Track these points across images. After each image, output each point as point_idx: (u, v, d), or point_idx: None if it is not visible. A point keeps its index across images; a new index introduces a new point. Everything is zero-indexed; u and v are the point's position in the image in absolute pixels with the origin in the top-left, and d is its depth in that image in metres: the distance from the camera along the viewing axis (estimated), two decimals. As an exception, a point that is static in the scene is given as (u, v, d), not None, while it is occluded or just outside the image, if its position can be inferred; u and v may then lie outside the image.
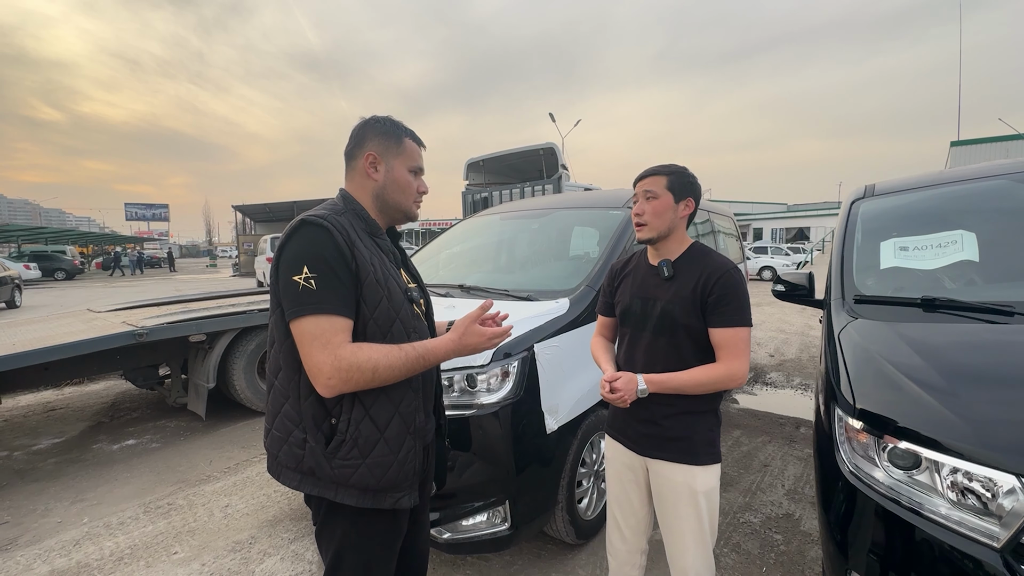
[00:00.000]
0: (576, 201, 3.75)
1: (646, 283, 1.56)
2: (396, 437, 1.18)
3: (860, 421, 1.40)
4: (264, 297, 5.57)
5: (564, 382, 2.18)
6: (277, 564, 2.34)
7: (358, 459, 1.13)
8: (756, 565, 2.26)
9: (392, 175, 1.27)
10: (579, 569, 2.26)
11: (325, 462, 1.13)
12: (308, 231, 1.11)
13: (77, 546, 2.53)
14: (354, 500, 1.15)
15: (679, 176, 1.50)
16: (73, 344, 3.27)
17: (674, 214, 1.49)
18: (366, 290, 1.14)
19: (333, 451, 1.13)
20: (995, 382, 1.33)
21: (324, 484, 1.15)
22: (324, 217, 1.14)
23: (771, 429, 3.88)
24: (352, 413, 1.14)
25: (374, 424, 1.15)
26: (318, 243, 1.10)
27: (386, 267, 1.22)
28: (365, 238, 1.21)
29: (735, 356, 1.39)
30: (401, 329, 1.20)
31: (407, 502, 1.20)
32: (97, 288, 19.13)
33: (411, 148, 1.30)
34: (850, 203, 2.43)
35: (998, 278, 1.81)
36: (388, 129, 1.27)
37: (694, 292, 1.42)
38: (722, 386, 1.42)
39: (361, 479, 1.14)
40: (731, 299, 1.40)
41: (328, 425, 1.15)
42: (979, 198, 2.12)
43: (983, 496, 1.15)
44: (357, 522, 1.19)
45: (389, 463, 1.16)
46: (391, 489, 1.17)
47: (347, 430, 1.13)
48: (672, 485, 1.48)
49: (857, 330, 1.71)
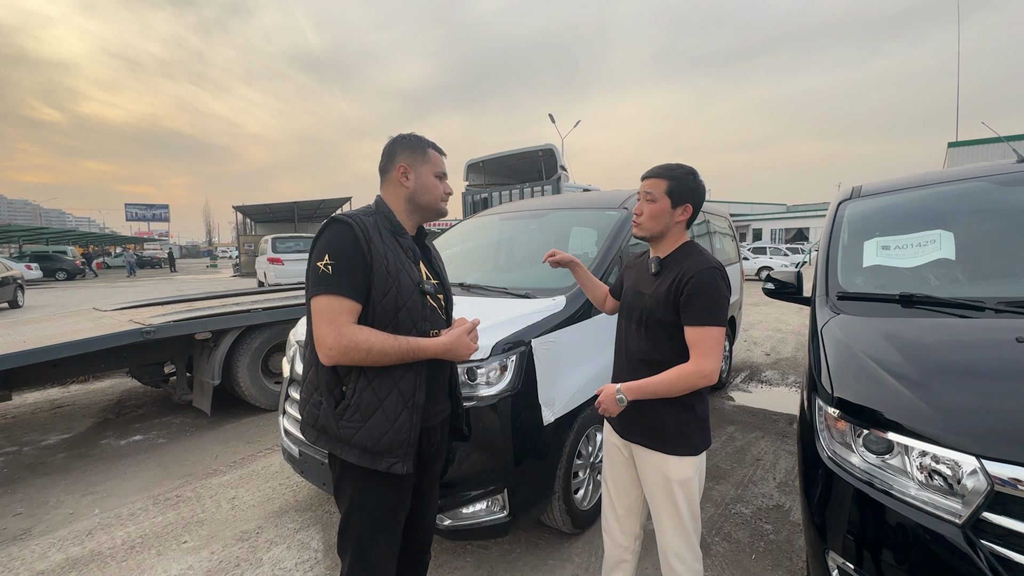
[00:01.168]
0: (574, 202, 3.84)
1: (640, 277, 1.67)
2: (393, 408, 1.34)
3: (838, 409, 1.48)
4: (267, 296, 5.66)
5: (561, 376, 2.27)
6: (284, 552, 2.42)
7: (359, 422, 1.32)
8: (746, 553, 2.35)
9: (421, 180, 1.46)
10: (575, 557, 2.34)
11: (333, 422, 1.34)
12: (335, 227, 1.33)
13: (90, 535, 2.61)
14: (355, 458, 1.33)
15: (680, 182, 1.54)
16: (84, 341, 3.35)
17: (670, 218, 1.55)
18: (376, 279, 1.32)
19: (340, 413, 1.33)
20: (962, 373, 1.41)
21: (333, 441, 1.35)
22: (351, 216, 1.35)
23: (764, 425, 3.96)
24: (358, 383, 1.33)
25: (375, 394, 1.33)
26: (340, 236, 1.31)
27: (400, 261, 1.38)
28: (387, 235, 1.39)
29: (704, 354, 1.43)
30: (408, 316, 1.37)
31: (400, 468, 1.35)
32: (99, 288, 19.21)
33: (434, 156, 1.49)
34: (837, 204, 2.52)
35: (972, 276, 1.89)
36: (413, 143, 1.48)
37: (669, 290, 1.50)
38: (693, 384, 1.45)
39: (361, 440, 1.32)
40: (702, 298, 1.44)
41: (339, 391, 1.34)
42: (958, 199, 2.20)
43: (948, 477, 1.23)
44: (363, 484, 1.38)
45: (385, 430, 1.33)
46: (386, 453, 1.33)
47: (352, 396, 1.33)
48: (649, 470, 1.59)
49: (838, 325, 1.79)
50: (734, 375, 5.44)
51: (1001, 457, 1.15)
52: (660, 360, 1.53)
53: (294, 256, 14.76)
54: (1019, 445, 1.15)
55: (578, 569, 2.26)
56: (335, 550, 2.38)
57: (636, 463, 1.65)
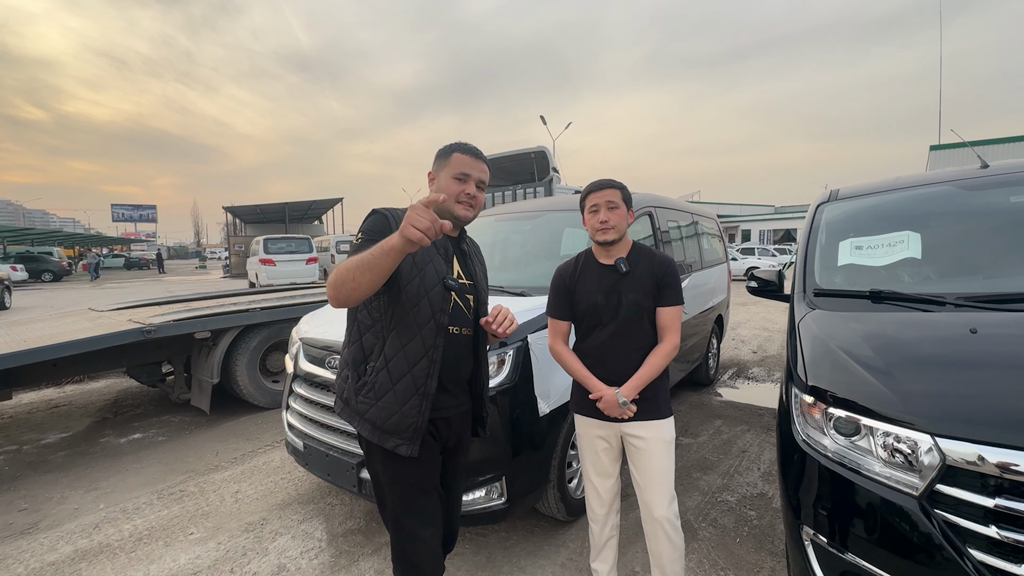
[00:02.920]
0: (567, 204, 3.95)
1: (604, 279, 1.82)
2: (404, 391, 1.43)
3: (811, 396, 1.61)
4: (264, 296, 5.71)
5: (555, 370, 2.36)
6: (289, 542, 2.51)
7: (373, 400, 1.44)
8: (731, 537, 2.48)
9: (439, 184, 1.53)
10: (569, 543, 2.46)
11: (353, 396, 1.48)
12: (372, 216, 1.46)
13: (97, 529, 2.68)
14: (367, 432, 1.45)
15: (625, 191, 1.83)
16: (87, 340, 3.41)
17: (626, 221, 1.81)
18: (402, 266, 1.40)
19: (359, 389, 1.47)
20: (922, 362, 1.55)
21: (351, 413, 1.49)
22: (389, 209, 1.48)
23: (750, 419, 4.11)
24: (376, 363, 1.45)
25: (389, 376, 1.43)
26: (372, 222, 1.44)
27: (428, 254, 1.47)
28: None
29: (676, 331, 1.79)
30: (428, 306, 1.43)
31: (404, 450, 1.43)
32: (86, 290, 19.01)
33: (457, 158, 1.53)
34: (816, 206, 2.66)
35: (936, 274, 2.04)
36: (442, 151, 1.57)
37: (651, 280, 1.77)
38: (671, 358, 1.80)
39: (372, 416, 1.44)
40: (676, 282, 1.79)
41: (362, 368, 1.47)
42: (926, 202, 2.35)
43: (907, 455, 1.36)
44: (385, 462, 1.48)
45: (393, 411, 1.42)
46: (392, 433, 1.43)
47: (369, 375, 1.45)
48: (648, 440, 1.76)
49: (814, 319, 1.93)
50: (722, 372, 5.60)
51: (952, 435, 1.28)
52: (639, 347, 1.77)
53: (286, 257, 14.73)
54: (968, 424, 1.28)
55: (572, 554, 2.37)
56: (338, 539, 2.49)
57: (628, 441, 1.80)
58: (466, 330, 1.56)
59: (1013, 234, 2.06)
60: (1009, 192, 2.20)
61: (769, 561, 2.28)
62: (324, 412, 2.46)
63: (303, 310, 4.40)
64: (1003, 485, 1.21)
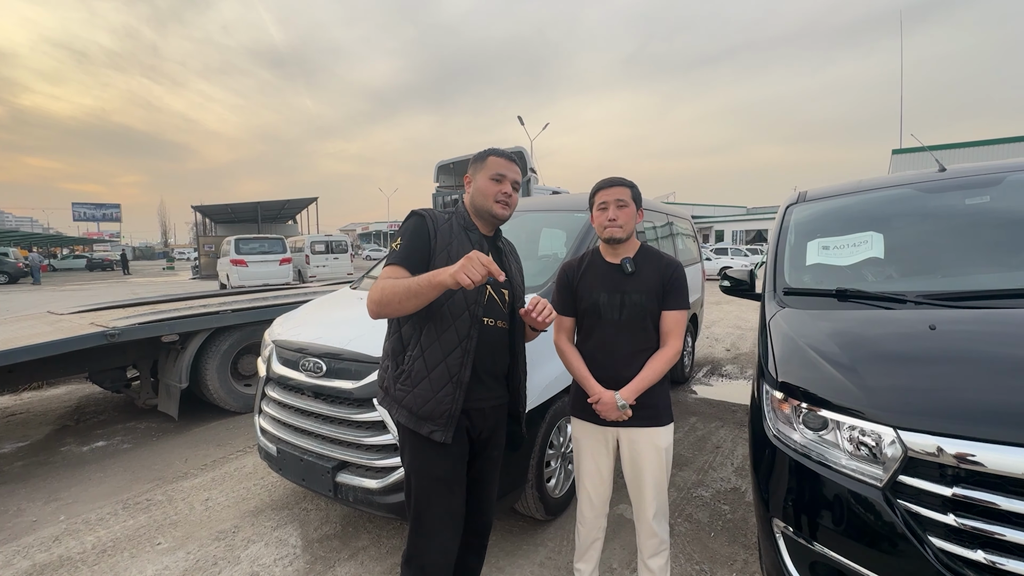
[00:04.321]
0: (544, 204, 3.98)
1: (609, 278, 1.82)
2: (439, 379, 1.50)
3: (781, 392, 1.65)
4: (235, 298, 5.57)
5: (534, 370, 2.37)
6: (262, 549, 2.45)
7: (410, 388, 1.52)
8: (705, 531, 2.53)
9: (477, 185, 1.64)
10: (548, 542, 2.47)
11: (392, 384, 1.56)
12: (412, 219, 1.58)
13: (57, 541, 2.57)
14: (404, 419, 1.53)
15: (635, 190, 1.83)
16: (45, 345, 3.26)
17: (635, 220, 1.82)
18: (437, 260, 1.52)
19: (397, 377, 1.55)
20: (885, 358, 1.60)
21: (390, 401, 1.57)
22: (427, 210, 1.61)
23: (724, 415, 4.20)
24: (413, 352, 1.53)
25: (424, 365, 1.51)
26: (411, 225, 1.57)
27: (465, 249, 1.53)
28: (457, 229, 1.61)
29: (679, 335, 1.77)
30: (462, 298, 1.52)
31: (439, 436, 1.50)
32: (46, 292, 18.20)
33: (492, 161, 1.63)
34: (785, 207, 2.74)
35: (898, 272, 2.12)
36: (479, 156, 1.66)
37: (657, 283, 1.76)
38: (672, 363, 1.77)
39: (409, 403, 1.51)
40: (681, 287, 1.77)
41: (401, 357, 1.56)
42: (888, 204, 2.45)
43: (872, 447, 1.41)
44: (416, 450, 1.54)
45: (428, 398, 1.50)
46: (427, 419, 1.50)
47: (407, 364, 1.53)
48: (642, 446, 1.77)
49: (783, 318, 1.98)
50: (696, 370, 5.70)
51: (913, 427, 1.33)
52: (640, 350, 1.76)
53: (259, 258, 14.36)
54: (927, 417, 1.34)
55: (551, 552, 2.38)
56: (314, 545, 2.44)
57: (624, 446, 1.81)
58: (501, 323, 1.64)
59: (967, 235, 2.15)
60: (964, 195, 2.30)
61: (742, 554, 2.33)
62: (298, 416, 2.41)
63: (276, 312, 4.30)
64: (960, 475, 1.27)
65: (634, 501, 1.85)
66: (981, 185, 2.30)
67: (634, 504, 1.86)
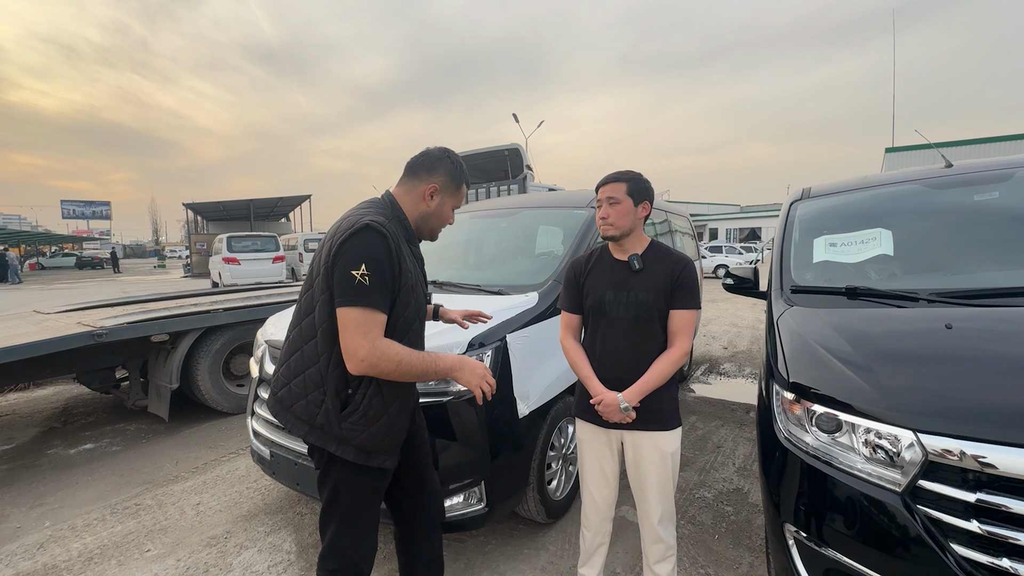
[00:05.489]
0: (541, 201, 3.91)
1: (616, 275, 1.75)
2: (396, 414, 1.44)
3: (793, 393, 1.60)
4: (227, 297, 5.47)
5: (535, 370, 2.33)
6: (255, 556, 2.38)
7: (364, 426, 1.38)
8: (709, 534, 2.48)
9: (441, 209, 1.55)
10: (549, 545, 2.41)
11: (336, 422, 1.37)
12: (371, 236, 1.31)
13: (41, 549, 2.48)
14: (352, 456, 1.39)
15: (635, 182, 1.73)
16: (29, 345, 3.16)
17: (634, 216, 1.72)
18: (403, 293, 1.39)
19: (346, 416, 1.37)
20: (901, 358, 1.56)
21: (329, 439, 1.38)
22: (383, 224, 1.34)
23: (724, 414, 4.16)
24: (368, 389, 1.38)
25: (383, 401, 1.40)
26: (377, 247, 1.31)
27: (418, 274, 1.50)
28: (404, 245, 1.44)
29: (687, 336, 1.69)
30: (420, 326, 1.50)
31: (390, 464, 1.47)
32: (33, 291, 17.93)
33: (463, 193, 1.60)
34: (789, 204, 2.69)
35: (908, 270, 2.08)
36: (457, 173, 1.56)
37: (665, 280, 1.68)
38: (679, 365, 1.70)
39: (362, 442, 1.39)
40: (693, 285, 1.69)
41: (346, 394, 1.39)
42: (896, 200, 2.41)
43: (889, 451, 1.36)
44: (351, 473, 1.43)
45: (385, 433, 1.42)
46: (381, 453, 1.43)
47: (361, 402, 1.38)
48: (646, 450, 1.71)
49: (792, 316, 1.93)
50: (695, 368, 5.67)
51: (934, 430, 1.28)
52: (646, 350, 1.69)
53: (251, 256, 14.24)
54: (949, 420, 1.29)
55: (552, 556, 2.33)
56: (308, 551, 2.37)
57: (628, 449, 1.75)
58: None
59: (977, 231, 2.12)
60: (973, 191, 2.26)
61: (748, 557, 2.29)
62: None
63: (269, 311, 4.22)
64: (983, 480, 1.22)
65: (639, 506, 1.80)
66: (990, 181, 2.27)
67: (639, 509, 1.80)
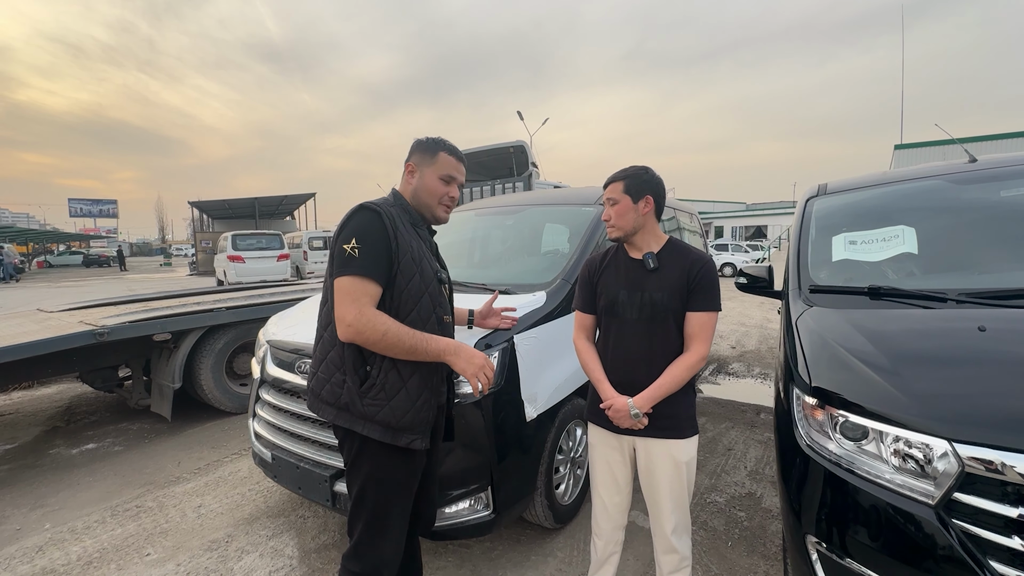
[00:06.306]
0: (547, 198, 3.83)
1: (630, 275, 1.68)
2: (416, 388, 1.43)
3: (815, 398, 1.53)
4: (230, 295, 5.43)
5: (543, 371, 2.26)
6: (256, 561, 2.33)
7: (384, 401, 1.40)
8: (722, 540, 2.41)
9: (423, 181, 1.54)
10: (557, 551, 2.35)
11: (358, 400, 1.40)
12: (364, 213, 1.40)
13: (40, 552, 2.44)
14: (378, 435, 1.40)
15: (633, 178, 1.66)
16: (31, 344, 3.13)
17: (636, 213, 1.64)
18: (403, 265, 1.41)
19: (365, 391, 1.40)
20: (930, 361, 1.48)
21: (355, 418, 1.41)
22: (378, 205, 1.43)
23: (733, 416, 4.08)
24: (383, 363, 1.40)
25: (399, 375, 1.41)
26: (367, 222, 1.38)
27: (422, 250, 1.50)
28: (408, 226, 1.48)
29: (705, 340, 1.60)
30: (428, 302, 1.47)
31: (419, 444, 1.45)
32: (40, 289, 18.03)
33: (444, 160, 1.54)
34: (805, 200, 2.61)
35: (934, 269, 1.99)
36: (427, 144, 1.55)
37: (681, 280, 1.60)
38: (695, 371, 1.61)
39: (384, 417, 1.40)
40: (711, 286, 1.60)
41: (364, 371, 1.41)
42: (918, 196, 2.32)
43: (920, 461, 1.29)
44: (381, 460, 1.44)
45: (407, 408, 1.42)
46: (407, 430, 1.43)
47: (378, 376, 1.40)
48: (659, 458, 1.64)
49: (812, 317, 1.85)
50: (703, 368, 5.58)
51: (971, 440, 1.21)
52: (660, 354, 1.61)
53: (256, 254, 14.25)
54: (987, 428, 1.21)
55: (561, 563, 2.26)
56: (311, 556, 2.32)
57: (640, 456, 1.68)
58: (447, 317, 1.58)
59: (1006, 228, 2.03)
60: (999, 186, 2.18)
61: (763, 565, 2.22)
62: (294, 420, 2.28)
63: (273, 309, 4.17)
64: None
65: (651, 514, 1.73)
66: (1017, 176, 2.17)
67: (651, 517, 1.73)
